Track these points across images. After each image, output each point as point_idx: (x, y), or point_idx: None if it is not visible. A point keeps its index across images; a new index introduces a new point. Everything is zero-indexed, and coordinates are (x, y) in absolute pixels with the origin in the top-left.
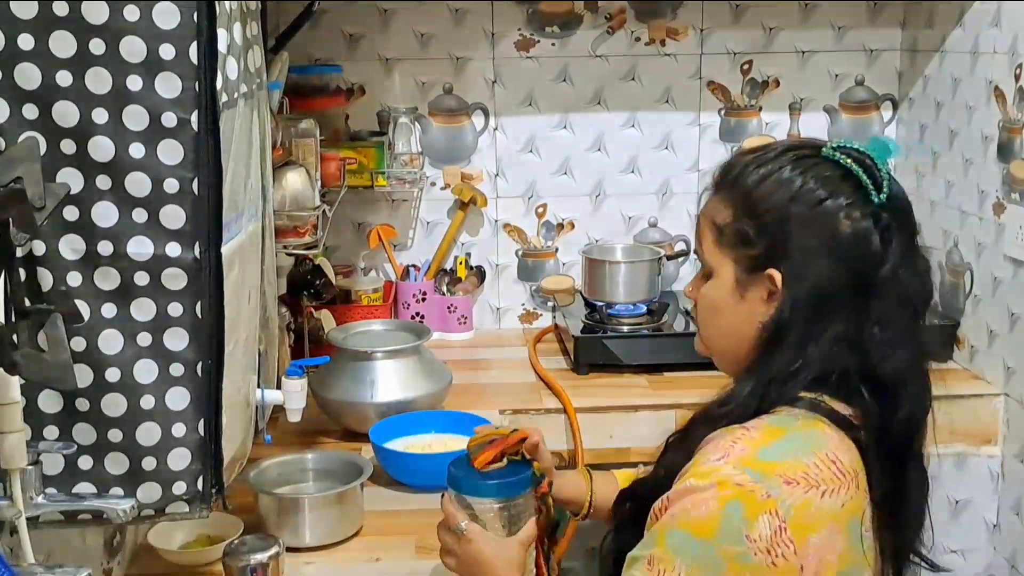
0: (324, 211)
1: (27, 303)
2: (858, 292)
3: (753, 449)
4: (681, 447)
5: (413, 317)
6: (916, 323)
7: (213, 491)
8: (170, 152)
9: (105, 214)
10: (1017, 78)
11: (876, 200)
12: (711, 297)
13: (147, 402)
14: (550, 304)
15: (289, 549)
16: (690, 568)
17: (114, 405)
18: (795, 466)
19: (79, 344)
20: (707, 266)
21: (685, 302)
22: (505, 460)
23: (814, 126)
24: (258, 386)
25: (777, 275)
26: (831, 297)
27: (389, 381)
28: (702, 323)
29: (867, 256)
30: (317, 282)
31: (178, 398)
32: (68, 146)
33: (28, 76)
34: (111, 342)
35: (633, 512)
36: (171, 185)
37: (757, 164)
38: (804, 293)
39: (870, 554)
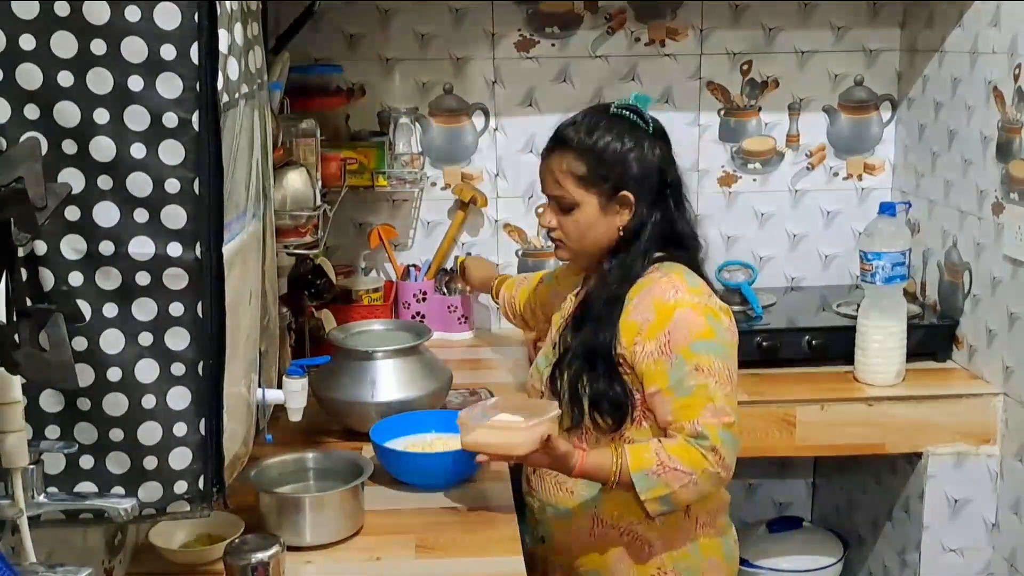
0: (325, 211)
1: (29, 303)
2: (664, 188)
3: (685, 283)
4: (593, 315)
5: (413, 317)
6: (683, 199)
7: (214, 490)
8: (171, 152)
9: (106, 214)
10: (1016, 78)
11: (649, 131)
12: (583, 222)
13: (148, 402)
14: None
15: (290, 548)
16: (718, 357)
17: (115, 404)
18: (701, 286)
19: (80, 344)
20: (571, 202)
21: None
22: None
23: (814, 126)
24: (259, 385)
25: (629, 194)
26: (659, 194)
27: (389, 381)
28: (574, 241)
29: (663, 166)
30: (318, 282)
31: (179, 398)
32: (69, 146)
33: (29, 76)
34: (112, 342)
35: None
36: (172, 185)
37: (589, 130)
38: (647, 199)
39: None
